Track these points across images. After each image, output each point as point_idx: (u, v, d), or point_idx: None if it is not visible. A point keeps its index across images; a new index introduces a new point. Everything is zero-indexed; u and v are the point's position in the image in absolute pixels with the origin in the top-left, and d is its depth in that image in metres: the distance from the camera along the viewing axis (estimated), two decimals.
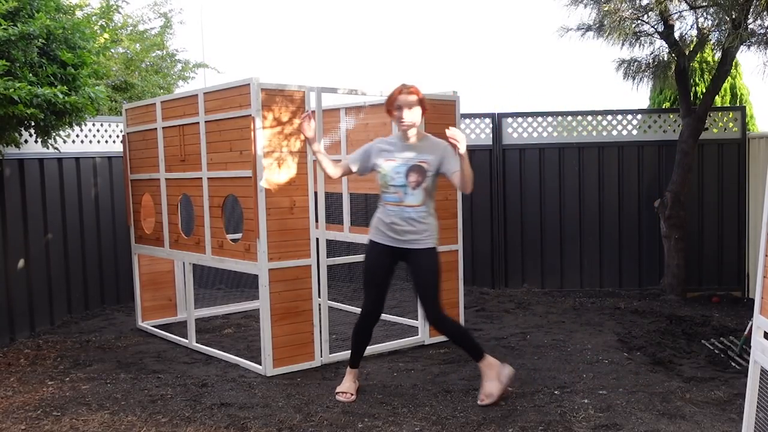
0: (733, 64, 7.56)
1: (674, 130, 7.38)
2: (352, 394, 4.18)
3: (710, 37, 6.63)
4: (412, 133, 4.09)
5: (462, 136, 3.71)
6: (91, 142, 6.71)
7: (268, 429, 3.74)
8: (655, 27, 6.78)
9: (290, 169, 4.71)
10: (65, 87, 4.69)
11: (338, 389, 4.25)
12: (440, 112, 5.41)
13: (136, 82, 8.94)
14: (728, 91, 8.23)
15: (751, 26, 5.92)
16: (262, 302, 4.66)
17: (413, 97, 4.00)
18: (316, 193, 4.92)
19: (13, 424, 3.85)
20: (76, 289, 6.57)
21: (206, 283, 7.49)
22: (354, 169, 4.23)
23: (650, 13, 6.50)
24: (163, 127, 5.59)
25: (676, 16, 6.69)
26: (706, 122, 6.99)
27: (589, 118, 7.55)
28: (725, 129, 7.36)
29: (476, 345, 4.18)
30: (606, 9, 6.20)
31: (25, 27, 4.39)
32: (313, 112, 4.30)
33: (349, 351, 4.36)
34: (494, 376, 4.08)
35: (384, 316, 6.23)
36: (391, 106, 4.05)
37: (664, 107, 8.36)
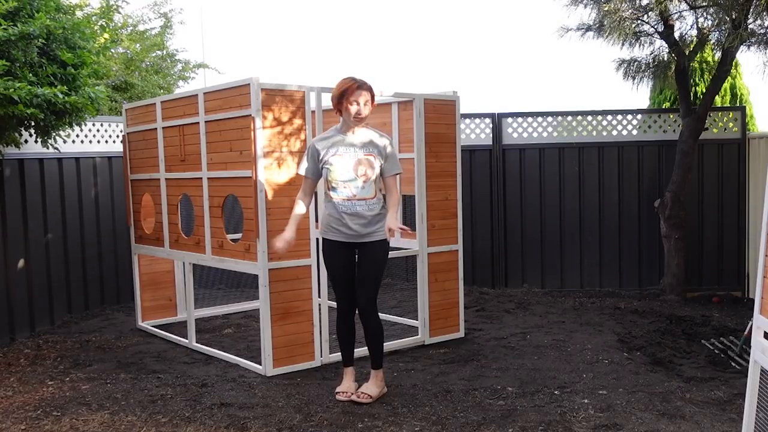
0: (733, 64, 7.56)
1: (674, 130, 7.38)
2: (352, 393, 4.17)
3: (710, 37, 6.63)
4: (354, 125, 4.07)
5: (392, 229, 3.87)
6: (91, 142, 6.71)
7: (268, 429, 3.74)
8: (655, 27, 6.78)
9: (290, 169, 4.71)
10: (65, 87, 4.69)
11: (338, 389, 4.25)
12: (440, 112, 5.41)
13: (136, 82, 8.94)
14: (728, 91, 8.22)
15: (751, 26, 5.92)
16: (262, 302, 4.66)
17: (367, 93, 4.01)
18: (316, 193, 4.92)
19: (13, 424, 3.85)
20: (76, 289, 6.57)
21: (206, 283, 7.49)
22: (311, 181, 4.17)
23: (650, 13, 6.50)
24: (163, 127, 5.59)
25: (676, 16, 6.69)
26: (706, 122, 6.99)
27: (589, 118, 7.55)
28: (725, 129, 7.36)
29: (383, 353, 4.29)
30: (606, 9, 6.20)
31: (25, 27, 4.39)
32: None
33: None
34: (379, 384, 4.20)
35: (384, 316, 6.25)
36: (345, 99, 3.99)
37: (664, 107, 8.36)
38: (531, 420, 3.79)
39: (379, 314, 4.27)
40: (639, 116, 7.55)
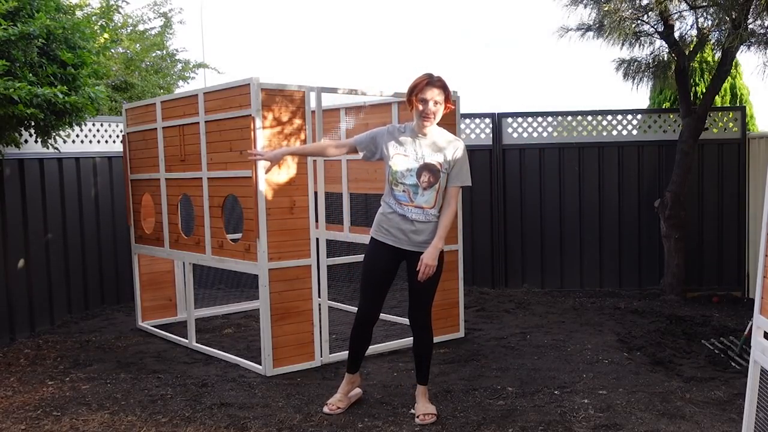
0: (733, 64, 7.56)
1: (674, 130, 7.38)
2: (339, 408, 3.95)
3: (710, 37, 6.63)
4: (429, 127, 3.76)
5: (428, 265, 3.65)
6: (91, 142, 6.71)
7: (268, 429, 3.74)
8: (655, 27, 6.78)
9: (290, 169, 4.71)
10: (65, 87, 4.69)
11: (329, 400, 4.02)
12: None
13: (136, 82, 8.94)
14: (728, 91, 8.22)
15: (751, 26, 5.92)
16: (262, 302, 4.66)
17: (441, 91, 3.68)
18: (316, 193, 4.92)
19: (13, 424, 3.85)
20: (76, 289, 6.57)
21: (206, 283, 7.49)
22: (360, 154, 3.92)
23: (650, 13, 6.50)
24: (163, 127, 5.59)
25: (676, 16, 6.69)
26: (706, 122, 6.99)
27: (589, 118, 7.55)
28: (725, 129, 7.36)
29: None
30: (606, 9, 6.20)
31: (25, 27, 4.39)
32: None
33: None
34: (429, 398, 3.97)
35: (384, 316, 6.24)
36: (415, 95, 3.69)
37: (664, 107, 8.36)
38: (531, 420, 3.79)
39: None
40: (639, 116, 7.54)
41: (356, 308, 3.99)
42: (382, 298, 3.89)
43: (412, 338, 5.40)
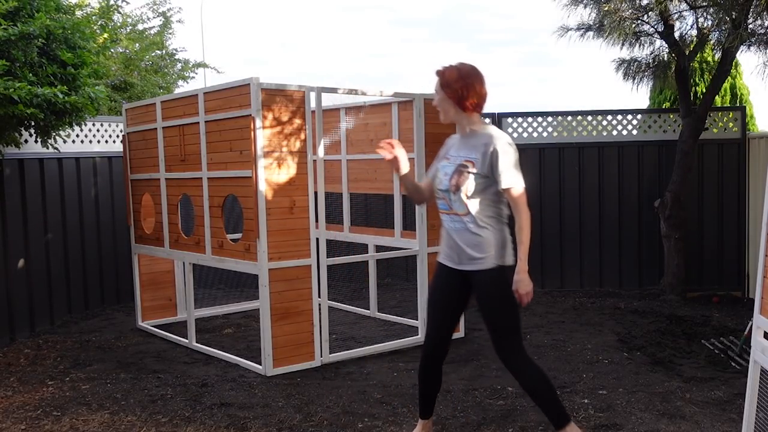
0: (733, 64, 7.56)
1: (674, 130, 7.38)
2: None
3: (710, 37, 6.63)
4: (467, 124, 3.28)
5: (524, 288, 3.16)
6: (91, 142, 6.71)
7: (268, 429, 3.74)
8: (655, 27, 6.78)
9: (290, 169, 4.71)
10: (65, 87, 4.69)
11: None
12: None
13: (136, 82, 8.94)
14: (728, 91, 8.23)
15: (751, 26, 5.92)
16: (262, 302, 4.66)
17: (439, 77, 3.27)
18: (316, 193, 4.92)
19: (13, 424, 3.85)
20: (76, 288, 6.57)
21: (206, 283, 7.49)
22: (427, 182, 3.48)
23: (650, 13, 6.50)
24: (163, 127, 5.59)
25: (676, 16, 6.69)
26: (706, 122, 6.99)
27: (589, 118, 7.55)
28: (725, 129, 7.36)
29: (560, 406, 3.23)
30: (606, 9, 6.20)
31: (25, 27, 4.39)
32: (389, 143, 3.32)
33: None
34: None
35: (384, 316, 6.25)
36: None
37: (664, 107, 8.36)
38: (531, 420, 3.79)
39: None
40: (639, 116, 7.54)
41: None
42: (445, 324, 3.36)
43: (412, 338, 5.46)
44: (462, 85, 3.20)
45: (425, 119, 5.31)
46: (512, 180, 3.22)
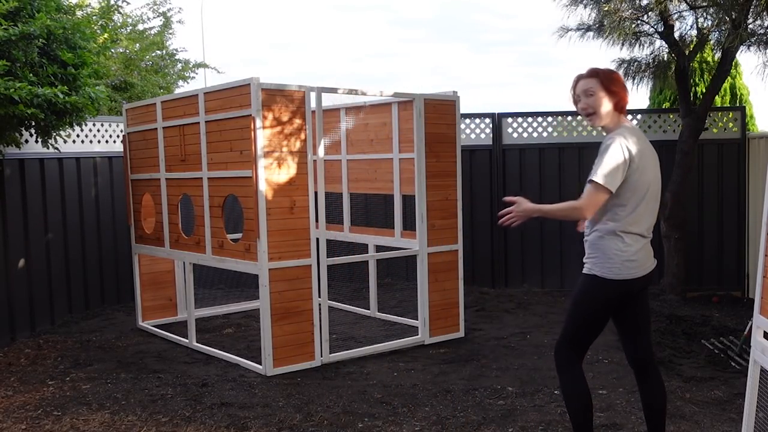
0: (733, 64, 7.56)
1: (674, 130, 7.38)
2: None
3: (710, 37, 6.63)
4: (607, 126, 3.16)
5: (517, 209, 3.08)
6: (91, 142, 6.71)
7: (268, 429, 3.75)
8: (655, 27, 6.78)
9: (290, 169, 4.71)
10: (65, 87, 4.69)
11: None
12: (440, 112, 5.42)
13: (136, 82, 8.94)
14: (728, 91, 8.23)
15: (751, 26, 5.92)
16: (262, 302, 4.66)
17: (592, 80, 3.13)
18: (316, 193, 4.93)
19: (14, 424, 3.86)
20: (77, 288, 6.57)
21: (206, 283, 7.49)
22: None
23: (650, 13, 6.50)
24: (163, 127, 5.59)
25: (676, 16, 6.69)
26: (706, 122, 6.99)
27: None
28: (725, 129, 7.36)
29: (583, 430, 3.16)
30: (606, 9, 6.20)
31: (26, 27, 4.39)
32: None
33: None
34: None
35: (384, 316, 6.25)
36: (574, 97, 3.24)
37: (664, 107, 8.36)
38: (531, 420, 3.79)
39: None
40: (639, 116, 7.54)
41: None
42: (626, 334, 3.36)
43: (412, 338, 5.46)
44: (620, 87, 3.16)
45: (425, 119, 5.31)
46: (595, 174, 3.01)
